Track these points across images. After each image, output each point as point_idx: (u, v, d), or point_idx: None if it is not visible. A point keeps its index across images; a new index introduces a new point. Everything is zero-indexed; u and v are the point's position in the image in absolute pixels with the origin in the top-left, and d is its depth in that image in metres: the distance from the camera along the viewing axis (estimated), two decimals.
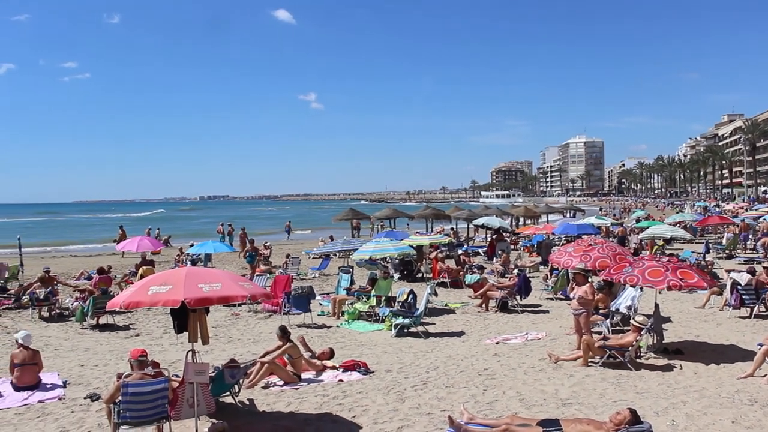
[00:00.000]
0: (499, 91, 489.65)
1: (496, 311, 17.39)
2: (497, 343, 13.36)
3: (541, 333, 14.22)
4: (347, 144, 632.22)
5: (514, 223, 48.09)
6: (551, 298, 19.21)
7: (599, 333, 12.66)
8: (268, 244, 34.51)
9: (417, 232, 31.70)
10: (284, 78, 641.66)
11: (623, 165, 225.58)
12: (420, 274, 24.52)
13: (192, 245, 33.68)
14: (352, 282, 19.39)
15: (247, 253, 27.26)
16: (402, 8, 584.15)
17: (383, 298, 16.80)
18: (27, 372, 10.58)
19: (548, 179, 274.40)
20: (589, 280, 13.12)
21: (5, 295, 21.07)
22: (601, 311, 14.12)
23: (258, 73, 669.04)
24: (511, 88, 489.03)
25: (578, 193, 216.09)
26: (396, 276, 23.01)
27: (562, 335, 13.89)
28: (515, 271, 19.26)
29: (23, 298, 19.49)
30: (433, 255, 24.67)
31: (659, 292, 12.15)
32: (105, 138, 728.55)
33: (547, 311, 17.41)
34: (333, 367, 11.29)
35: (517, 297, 17.72)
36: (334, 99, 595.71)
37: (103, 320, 16.72)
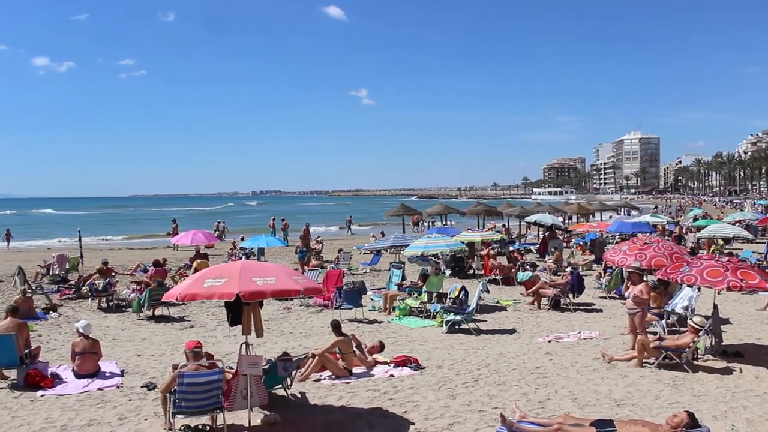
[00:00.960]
0: (551, 87, 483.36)
1: (549, 309, 17.22)
2: (549, 341, 13.24)
3: (594, 332, 14.02)
4: (398, 140, 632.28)
5: (566, 221, 47.50)
6: (605, 297, 18.93)
7: (654, 333, 12.43)
8: (320, 239, 34.82)
9: (468, 229, 31.56)
10: (335, 74, 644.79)
11: (680, 162, 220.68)
12: (471, 271, 24.44)
13: (243, 239, 34.20)
14: (404, 278, 19.41)
15: (298, 249, 27.39)
16: (453, 4, 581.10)
17: (434, 294, 16.78)
18: (87, 360, 10.90)
19: (602, 176, 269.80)
20: (645, 279, 12.89)
21: (66, 286, 21.75)
22: (654, 311, 13.85)
23: (309, 69, 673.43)
24: (563, 84, 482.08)
25: (632, 190, 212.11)
26: (447, 272, 22.97)
27: (615, 335, 13.68)
28: (568, 269, 19.07)
29: (83, 288, 20.08)
30: (484, 252, 24.53)
31: (718, 293, 11.84)
32: (159, 133, 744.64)
33: (601, 310, 17.16)
34: (384, 363, 11.33)
35: (570, 295, 17.52)
36: (386, 95, 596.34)
37: (158, 311, 17.10)
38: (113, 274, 21.11)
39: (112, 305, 18.50)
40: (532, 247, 32.82)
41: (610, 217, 54.33)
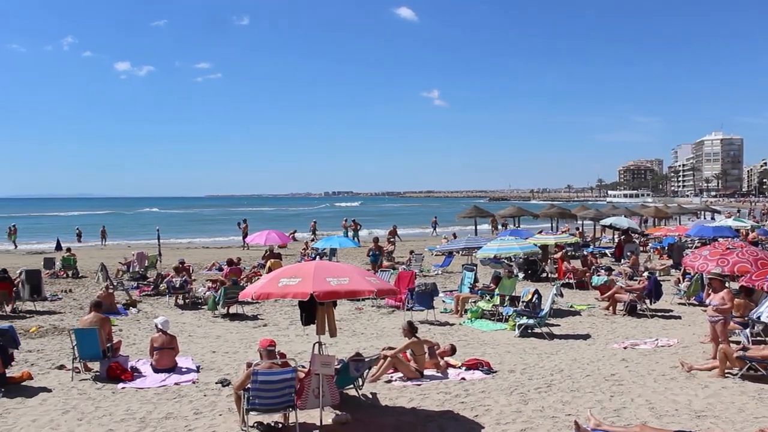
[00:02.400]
0: (627, 87, 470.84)
1: (624, 315, 16.79)
2: (625, 347, 12.91)
3: (672, 339, 13.60)
4: (470, 141, 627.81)
5: (642, 224, 46.27)
6: (684, 304, 18.32)
7: (738, 342, 11.97)
8: (392, 240, 34.92)
9: (540, 231, 31.12)
10: (407, 75, 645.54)
11: (765, 164, 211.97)
12: (544, 274, 24.07)
13: (313, 239, 34.59)
14: (476, 280, 19.27)
15: (371, 252, 27.12)
16: (525, 5, 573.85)
17: (507, 297, 16.59)
18: (165, 355, 11.23)
19: (680, 178, 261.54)
20: (727, 285, 12.44)
21: (145, 283, 22.47)
22: (737, 319, 13.33)
23: (381, 70, 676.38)
24: (640, 84, 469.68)
25: (713, 193, 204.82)
26: (520, 275, 22.70)
27: (695, 343, 13.23)
28: (645, 274, 18.55)
29: (161, 286, 20.69)
30: (558, 255, 24.13)
31: None
32: (234, 135, 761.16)
33: (679, 317, 16.63)
34: (455, 365, 11.27)
35: (647, 301, 17.03)
36: (457, 96, 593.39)
37: (233, 309, 17.44)
38: (190, 271, 21.68)
39: (188, 302, 19.00)
40: (607, 251, 32.09)
41: (690, 220, 52.65)
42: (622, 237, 31.39)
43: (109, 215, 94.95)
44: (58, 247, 37.47)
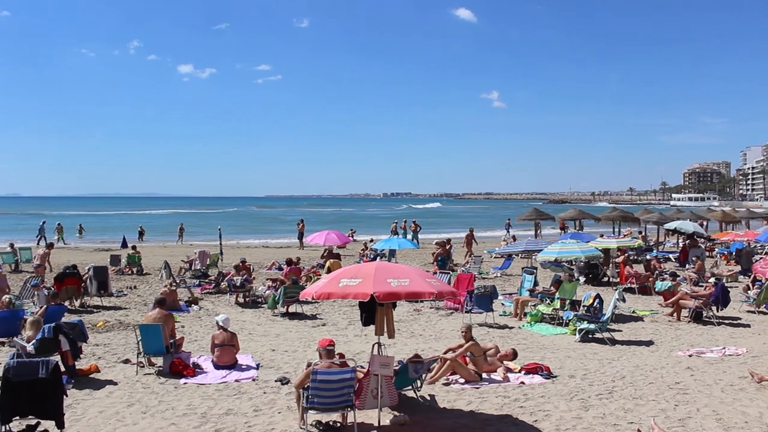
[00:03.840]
0: (694, 87, 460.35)
1: (689, 321, 16.34)
2: (690, 355, 12.55)
3: (741, 348, 13.16)
4: (529, 143, 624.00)
5: (708, 229, 44.94)
6: (753, 311, 17.71)
7: None
8: (451, 241, 34.75)
9: (601, 235, 30.55)
10: (466, 76, 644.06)
11: None
12: (606, 279, 23.62)
13: (372, 240, 34.67)
14: (536, 283, 19.03)
15: (439, 257, 26.33)
16: (584, 7, 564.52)
17: (567, 302, 16.33)
18: (226, 352, 11.42)
19: (749, 182, 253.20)
20: None
21: (206, 281, 22.89)
22: None
23: (439, 71, 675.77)
24: (707, 85, 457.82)
25: None
26: (581, 279, 22.32)
27: (766, 352, 12.78)
28: (711, 280, 18.01)
29: (222, 284, 21.04)
30: (620, 259, 23.65)
31: None
32: (293, 135, 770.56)
33: (748, 325, 16.09)
34: (515, 370, 11.15)
35: (714, 308, 16.53)
36: (517, 97, 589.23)
37: (292, 309, 17.61)
38: (250, 270, 21.98)
39: (248, 301, 19.26)
40: (671, 256, 31.33)
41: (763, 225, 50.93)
42: (687, 241, 30.58)
43: (190, 214, 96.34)
44: (124, 245, 38.47)
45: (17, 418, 7.55)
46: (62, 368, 9.08)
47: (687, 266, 26.09)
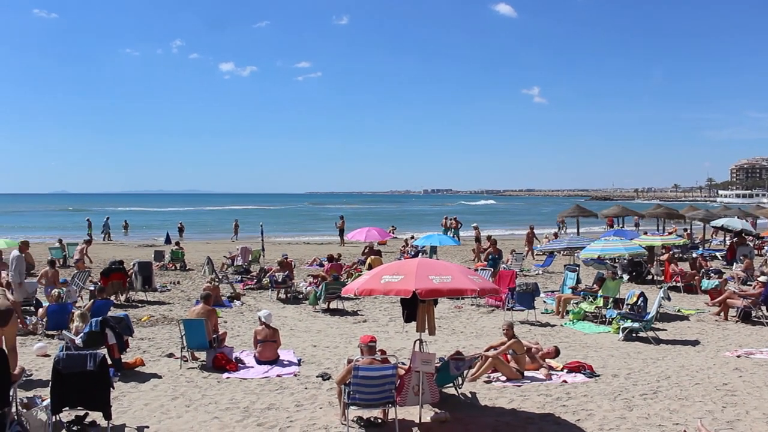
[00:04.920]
0: (742, 82, 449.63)
1: (737, 321, 15.98)
2: (738, 356, 12.27)
3: None
4: (571, 139, 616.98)
5: (757, 226, 43.89)
6: None
7: None
8: (493, 238, 34.50)
9: (644, 232, 30.06)
10: (506, 72, 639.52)
11: None
12: (650, 277, 23.24)
13: (413, 237, 34.62)
14: (578, 281, 18.81)
15: (490, 257, 24.42)
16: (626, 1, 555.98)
17: (611, 300, 16.11)
18: (268, 348, 11.51)
19: None
20: None
21: (248, 276, 23.11)
22: None
23: (479, 67, 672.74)
24: (754, 79, 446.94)
25: None
26: (625, 277, 22.01)
27: None
28: (761, 279, 17.59)
29: (263, 280, 21.22)
30: (665, 257, 23.24)
31: None
32: (334, 132, 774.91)
33: None
34: (557, 368, 11.03)
35: (763, 307, 16.15)
36: (558, 93, 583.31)
37: (333, 305, 17.65)
38: (292, 267, 22.11)
39: (290, 297, 19.39)
40: (717, 254, 30.68)
41: None
42: (734, 239, 29.92)
43: (234, 211, 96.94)
44: (168, 241, 39.02)
45: (67, 408, 7.72)
46: (109, 361, 9.25)
47: (734, 264, 25.51)
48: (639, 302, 14.97)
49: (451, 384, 9.55)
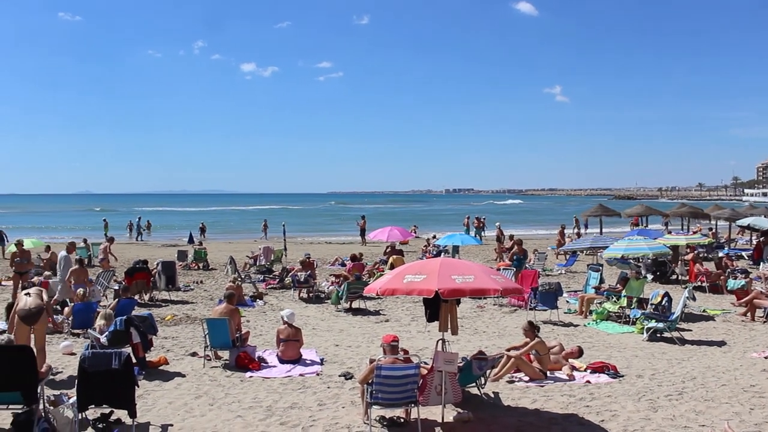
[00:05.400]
0: (766, 79, 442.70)
1: (765, 322, 15.77)
2: (766, 357, 12.10)
3: None
4: (593, 137, 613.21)
5: None
6: None
7: None
8: (518, 238, 34.38)
9: (668, 231, 29.78)
10: (528, 71, 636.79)
11: None
12: (674, 276, 23.02)
13: (434, 236, 34.57)
14: (602, 281, 18.68)
15: (515, 257, 23.44)
16: None
17: (634, 299, 15.97)
18: (290, 347, 11.56)
19: None
20: None
21: (271, 276, 23.21)
22: None
23: (500, 66, 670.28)
24: None
25: None
26: (649, 277, 21.81)
27: None
28: None
29: (286, 279, 21.30)
30: (689, 256, 23.01)
31: None
32: (355, 132, 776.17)
33: None
34: (580, 368, 10.96)
35: None
36: (580, 92, 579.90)
37: (355, 304, 17.68)
38: (314, 267, 22.17)
39: (312, 296, 19.45)
40: (743, 253, 30.31)
41: None
42: (761, 239, 29.53)
43: (259, 211, 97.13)
44: (191, 241, 39.30)
45: (92, 406, 7.79)
46: (133, 360, 9.34)
47: (761, 264, 25.19)
48: (663, 302, 14.84)
49: (474, 384, 9.52)
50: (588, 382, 10.34)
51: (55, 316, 14.27)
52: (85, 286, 15.33)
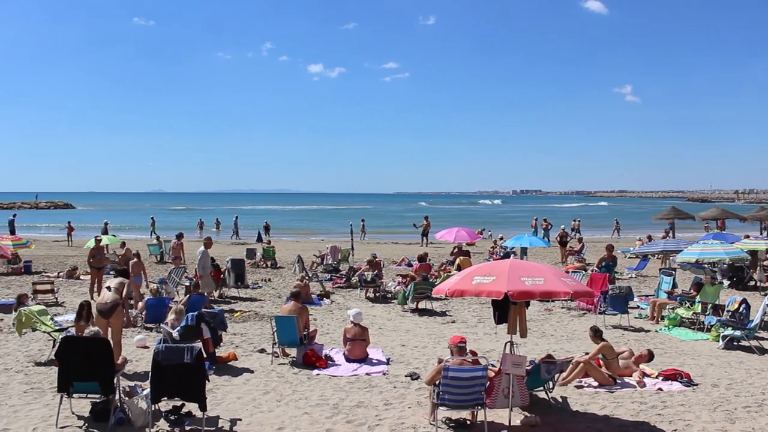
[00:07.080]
0: None
1: None
2: None
3: None
4: (665, 138, 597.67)
5: None
6: None
7: None
8: (581, 238, 33.83)
9: (746, 236, 28.71)
10: (597, 70, 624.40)
11: None
12: (752, 283, 22.21)
13: (501, 238, 34.24)
14: (674, 285, 18.15)
15: (603, 263, 23.38)
16: None
17: (709, 306, 15.47)
18: (357, 346, 11.61)
19: None
20: None
21: (338, 275, 23.39)
22: None
23: (570, 66, 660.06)
24: None
25: None
26: (725, 283, 21.10)
27: None
28: None
29: (352, 278, 21.42)
30: None
31: None
32: (422, 133, 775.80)
33: None
34: (651, 375, 10.67)
35: None
36: (651, 91, 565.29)
37: (421, 305, 17.64)
38: (380, 267, 22.24)
39: (378, 296, 19.51)
40: None
41: None
42: None
43: (334, 211, 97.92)
44: (259, 239, 39.94)
45: (165, 398, 7.99)
46: (204, 354, 9.53)
47: None
48: (741, 309, 14.31)
49: (542, 388, 9.37)
50: (660, 389, 10.05)
51: (130, 311, 14.76)
52: (144, 278, 15.76)
